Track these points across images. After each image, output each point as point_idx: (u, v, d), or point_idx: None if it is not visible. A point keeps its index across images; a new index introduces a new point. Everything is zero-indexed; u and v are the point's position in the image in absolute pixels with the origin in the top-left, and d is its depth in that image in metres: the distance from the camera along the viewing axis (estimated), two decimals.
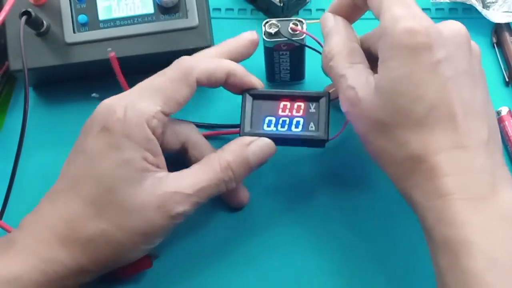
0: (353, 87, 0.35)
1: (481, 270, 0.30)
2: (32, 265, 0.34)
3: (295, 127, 0.39)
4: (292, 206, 0.42)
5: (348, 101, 0.36)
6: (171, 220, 0.35)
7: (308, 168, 0.44)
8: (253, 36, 0.40)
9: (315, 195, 0.43)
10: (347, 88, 0.35)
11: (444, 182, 0.32)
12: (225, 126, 0.46)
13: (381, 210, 0.42)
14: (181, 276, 0.40)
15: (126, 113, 0.35)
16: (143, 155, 0.35)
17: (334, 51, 0.37)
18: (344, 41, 0.37)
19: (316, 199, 0.43)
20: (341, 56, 0.37)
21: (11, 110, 0.48)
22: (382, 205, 0.42)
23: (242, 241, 0.41)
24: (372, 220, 0.42)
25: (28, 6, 0.42)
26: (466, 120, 0.32)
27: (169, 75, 0.37)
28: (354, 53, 0.37)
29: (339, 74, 0.36)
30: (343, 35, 0.38)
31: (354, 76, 0.36)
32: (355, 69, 0.36)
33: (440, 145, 0.32)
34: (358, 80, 0.35)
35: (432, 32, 0.33)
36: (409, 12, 0.33)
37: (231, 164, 0.37)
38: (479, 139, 0.33)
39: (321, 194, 0.43)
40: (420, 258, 0.40)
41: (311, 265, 0.40)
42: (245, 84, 0.39)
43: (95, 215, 0.34)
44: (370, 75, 0.35)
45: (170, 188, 0.35)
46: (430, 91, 0.32)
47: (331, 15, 0.39)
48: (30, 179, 0.43)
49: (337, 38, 0.37)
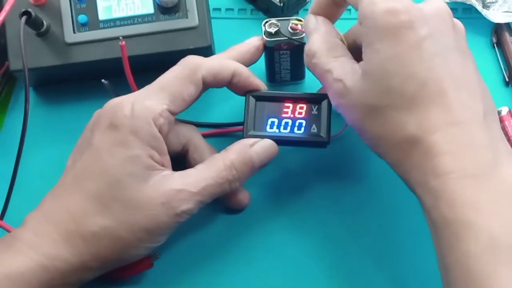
0: (340, 79, 0.35)
1: (482, 252, 0.29)
2: (34, 262, 0.34)
3: (297, 129, 0.39)
4: (291, 207, 0.42)
5: (336, 93, 0.35)
6: (175, 218, 0.35)
7: (307, 169, 0.44)
8: (258, 42, 0.41)
9: (314, 195, 0.43)
10: (334, 81, 0.35)
11: (441, 162, 0.31)
12: (227, 124, 0.46)
13: (381, 210, 0.42)
14: (181, 276, 0.40)
15: (133, 110, 0.35)
16: (149, 153, 0.35)
17: (315, 47, 0.37)
18: (324, 37, 0.37)
19: (315, 199, 0.43)
20: (323, 52, 0.36)
21: (11, 110, 0.48)
22: (382, 205, 0.42)
23: (242, 241, 0.41)
24: (371, 221, 0.42)
25: (28, 6, 0.42)
26: (458, 96, 0.32)
27: (175, 73, 0.38)
28: (336, 48, 0.37)
29: (323, 69, 0.36)
30: (322, 32, 0.37)
31: (339, 68, 0.35)
32: (339, 62, 0.36)
33: (435, 123, 0.32)
34: (344, 71, 0.35)
35: (413, 10, 0.32)
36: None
37: (234, 164, 0.37)
38: (474, 114, 0.32)
39: (320, 194, 0.43)
40: (420, 258, 0.40)
41: (311, 265, 0.40)
42: (249, 85, 0.39)
43: (99, 211, 0.35)
44: (354, 64, 0.35)
45: (175, 186, 0.35)
46: (418, 69, 0.32)
47: (313, 16, 0.39)
48: (31, 179, 0.43)
49: (317, 36, 0.37)
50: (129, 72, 0.39)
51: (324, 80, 0.36)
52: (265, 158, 0.38)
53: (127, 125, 0.35)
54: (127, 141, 0.35)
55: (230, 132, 0.45)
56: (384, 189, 0.43)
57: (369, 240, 0.41)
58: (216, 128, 0.46)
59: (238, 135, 0.43)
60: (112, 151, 0.35)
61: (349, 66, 0.35)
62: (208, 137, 0.45)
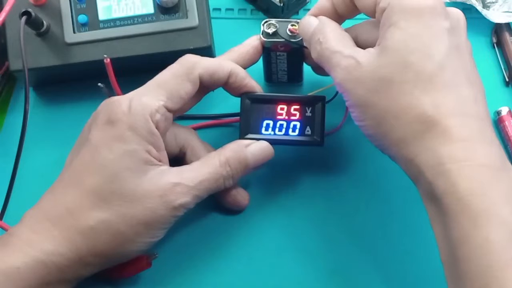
0: (351, 55, 0.35)
1: (502, 242, 0.28)
2: (30, 257, 0.34)
3: (292, 131, 0.40)
4: (290, 206, 0.42)
5: (345, 69, 0.35)
6: (173, 212, 0.36)
7: (306, 168, 0.44)
8: (256, 42, 0.41)
9: (313, 194, 0.43)
10: (344, 58, 0.35)
11: (459, 147, 0.31)
12: (224, 115, 0.46)
13: (380, 208, 0.42)
14: (179, 276, 0.40)
15: (130, 106, 0.36)
16: (147, 148, 0.36)
17: (328, 35, 0.37)
18: (336, 28, 0.37)
19: (314, 198, 0.43)
20: (333, 40, 0.36)
21: (11, 110, 0.48)
22: (382, 205, 0.42)
23: (241, 241, 0.41)
24: (370, 219, 0.42)
25: (28, 6, 0.42)
26: (471, 91, 0.33)
27: (172, 70, 0.38)
28: (346, 38, 0.37)
29: (333, 51, 0.36)
30: (332, 25, 0.38)
31: (349, 48, 0.36)
32: (349, 46, 0.36)
33: (452, 108, 0.32)
34: (355, 51, 0.35)
35: (440, 1, 0.34)
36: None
37: (229, 161, 0.38)
38: (485, 111, 0.33)
39: (319, 193, 0.43)
40: (418, 258, 0.40)
41: (310, 264, 0.40)
42: (244, 86, 0.40)
43: (96, 205, 0.35)
44: (365, 49, 0.35)
45: (173, 179, 0.36)
46: (438, 53, 0.33)
47: (313, 17, 0.39)
48: (31, 178, 0.43)
49: (330, 27, 0.37)
50: (116, 86, 0.39)
51: (331, 60, 0.36)
52: (260, 158, 0.39)
53: (125, 120, 0.35)
54: (124, 136, 0.35)
55: (227, 123, 0.46)
56: (382, 187, 0.43)
57: (369, 239, 0.41)
58: (213, 119, 0.46)
59: (235, 126, 0.44)
60: (110, 146, 0.35)
61: (359, 49, 0.35)
62: (205, 128, 0.45)
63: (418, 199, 0.33)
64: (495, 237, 0.28)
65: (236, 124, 0.40)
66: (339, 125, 0.42)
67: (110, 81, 0.39)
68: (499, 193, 0.30)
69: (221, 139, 0.42)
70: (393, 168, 0.42)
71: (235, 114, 0.41)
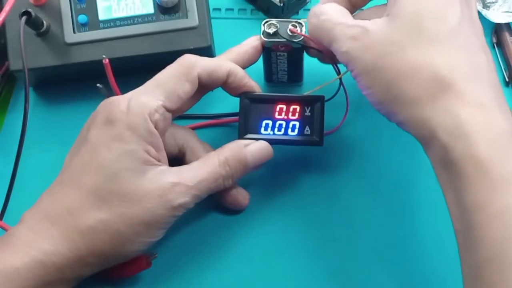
0: (358, 25, 0.34)
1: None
2: (30, 257, 0.34)
3: (291, 130, 0.40)
4: (289, 206, 0.42)
5: (350, 37, 0.34)
6: (172, 211, 0.36)
7: (305, 169, 0.44)
8: (256, 42, 0.41)
9: (313, 193, 0.43)
10: (348, 28, 0.35)
11: (479, 111, 0.30)
12: (223, 115, 0.46)
13: (380, 207, 0.42)
14: (179, 276, 0.40)
15: (129, 105, 0.36)
16: (146, 148, 0.36)
17: (326, 7, 0.37)
18: (336, 4, 0.37)
19: (314, 197, 0.43)
20: (334, 12, 0.36)
21: (11, 110, 0.48)
22: (382, 205, 0.42)
23: (241, 241, 0.41)
24: (370, 218, 0.42)
25: (28, 6, 0.42)
26: (486, 57, 0.33)
27: (171, 70, 0.38)
28: (347, 14, 0.37)
29: (335, 23, 0.35)
30: (334, 2, 0.38)
31: (353, 21, 0.35)
32: (351, 19, 0.36)
33: (467, 72, 0.32)
34: (360, 21, 0.35)
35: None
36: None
37: (228, 160, 0.38)
38: (497, 79, 0.33)
39: (318, 192, 0.43)
40: (418, 257, 0.40)
41: (310, 263, 0.40)
42: (243, 85, 0.40)
43: (96, 205, 0.35)
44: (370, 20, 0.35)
45: (172, 179, 0.36)
46: (454, 18, 0.33)
47: None
48: (31, 179, 0.43)
49: (329, 3, 0.37)
50: (115, 85, 0.39)
51: (333, 31, 0.35)
52: (259, 158, 0.39)
53: (123, 120, 0.35)
54: (123, 136, 0.35)
55: (226, 123, 0.46)
56: (381, 187, 0.43)
57: (369, 239, 0.41)
58: (212, 119, 0.46)
59: (234, 125, 0.44)
60: (109, 145, 0.35)
61: (364, 20, 0.35)
62: (204, 128, 0.45)
63: (418, 199, 0.33)
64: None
65: (235, 124, 0.40)
66: (339, 125, 0.42)
67: (109, 81, 0.39)
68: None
69: (220, 139, 0.42)
70: (393, 168, 0.43)
71: (234, 114, 0.41)
